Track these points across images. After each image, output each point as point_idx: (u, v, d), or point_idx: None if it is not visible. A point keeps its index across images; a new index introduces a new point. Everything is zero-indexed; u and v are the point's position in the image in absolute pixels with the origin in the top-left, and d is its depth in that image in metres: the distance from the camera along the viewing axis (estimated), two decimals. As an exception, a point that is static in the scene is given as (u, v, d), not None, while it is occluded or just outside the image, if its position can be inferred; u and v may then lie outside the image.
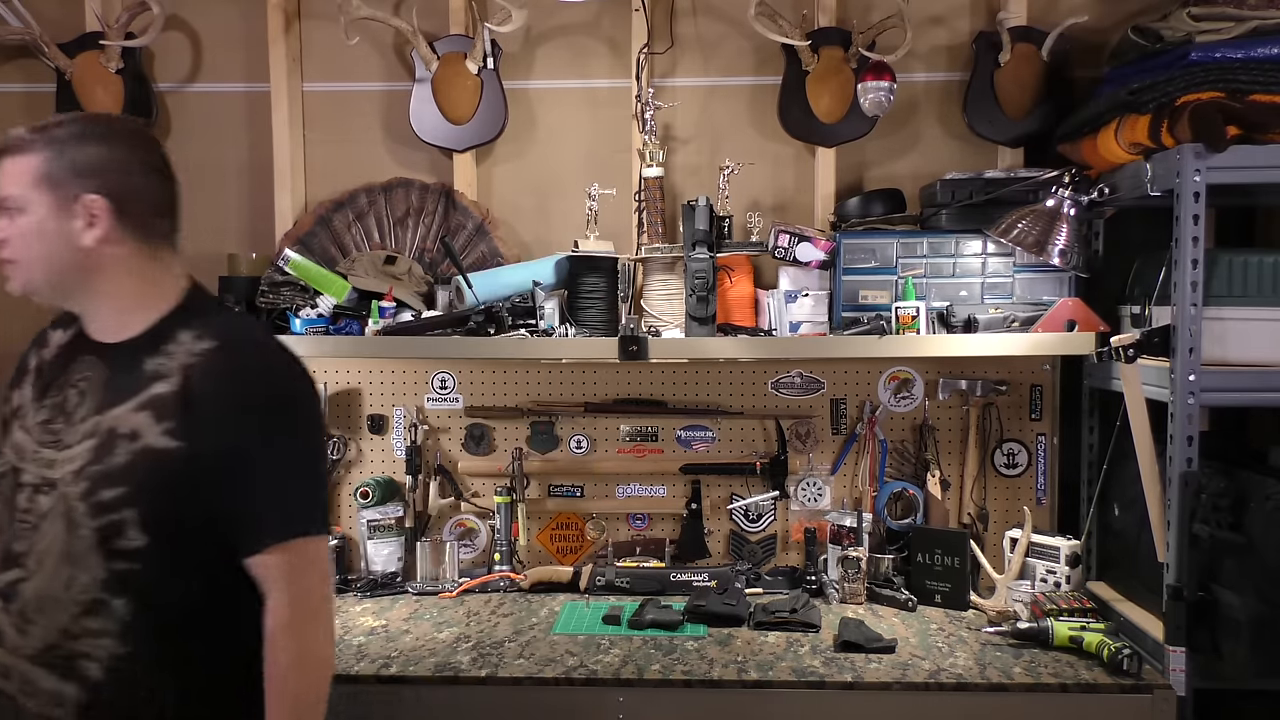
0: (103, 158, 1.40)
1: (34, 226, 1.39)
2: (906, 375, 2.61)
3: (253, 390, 1.40)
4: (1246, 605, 1.91)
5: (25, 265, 1.43)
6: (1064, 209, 2.24)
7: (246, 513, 1.39)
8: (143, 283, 1.44)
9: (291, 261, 2.43)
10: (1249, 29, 2.04)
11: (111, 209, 1.39)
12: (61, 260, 1.41)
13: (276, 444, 1.40)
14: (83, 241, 1.39)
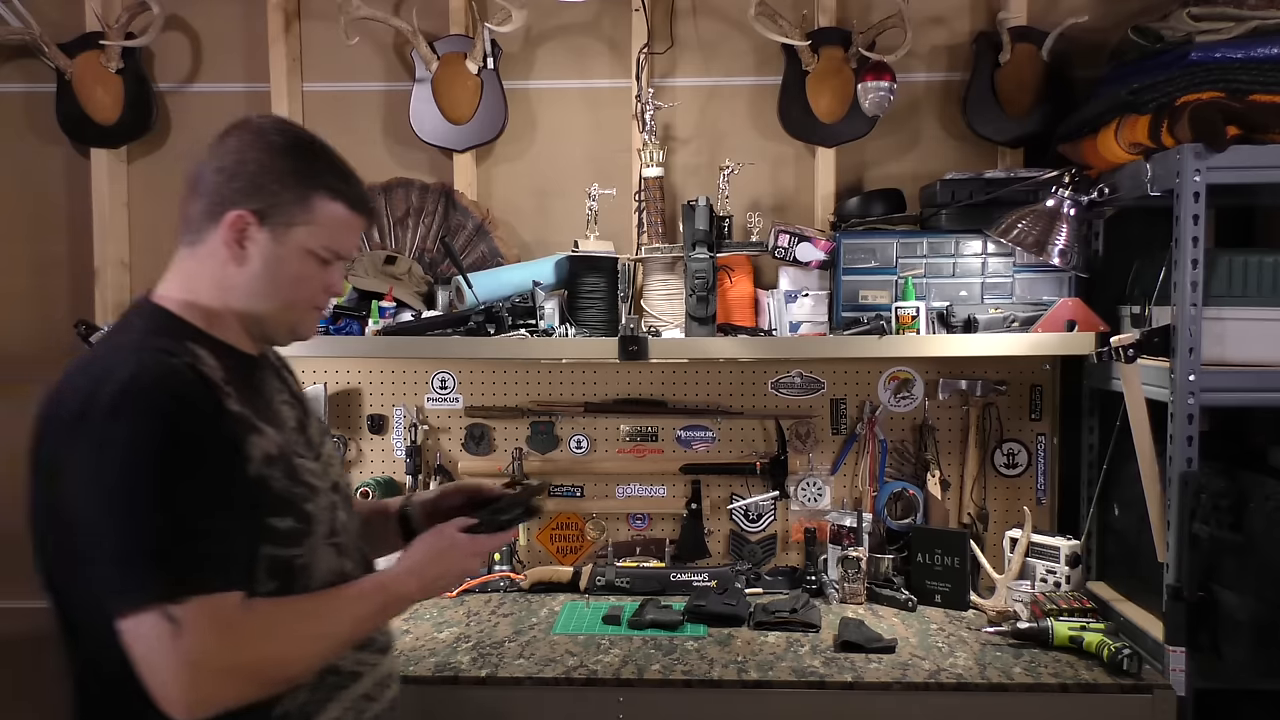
0: None
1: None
2: (906, 375, 2.61)
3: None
4: (1246, 605, 1.91)
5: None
6: (1064, 209, 2.24)
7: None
8: None
9: (291, 261, 2.43)
10: (1249, 29, 2.04)
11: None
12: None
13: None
14: None
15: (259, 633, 1.17)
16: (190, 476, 1.14)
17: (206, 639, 1.11)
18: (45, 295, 2.74)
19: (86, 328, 2.34)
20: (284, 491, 1.26)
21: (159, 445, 1.13)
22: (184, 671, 1.11)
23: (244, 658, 1.15)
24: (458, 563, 1.39)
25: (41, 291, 2.74)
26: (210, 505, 1.15)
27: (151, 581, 1.11)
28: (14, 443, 2.89)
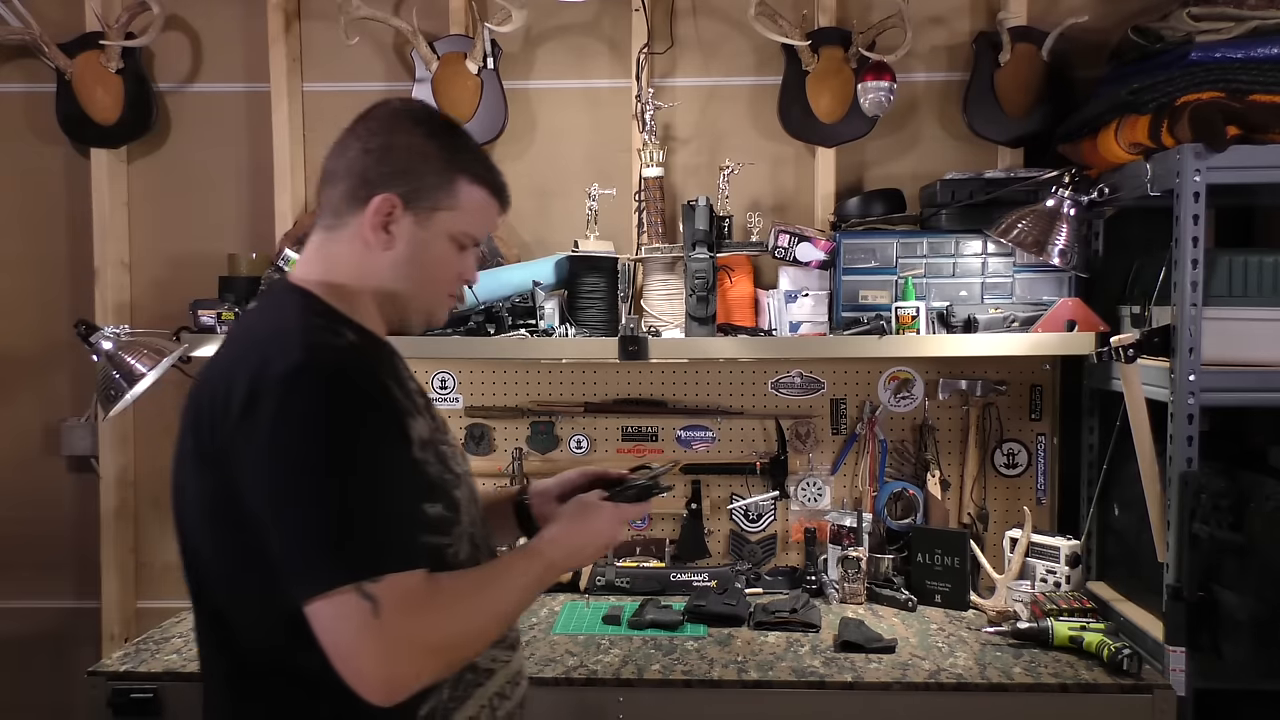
0: None
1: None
2: (906, 375, 2.61)
3: None
4: (1246, 605, 1.91)
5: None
6: (1064, 209, 2.24)
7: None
8: None
9: (291, 261, 2.43)
10: (1249, 29, 2.04)
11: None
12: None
13: None
14: None
15: (447, 608, 1.13)
16: (371, 456, 1.11)
17: (404, 617, 1.07)
18: (45, 295, 2.74)
19: (86, 328, 2.34)
20: (436, 477, 1.23)
21: (338, 427, 1.10)
22: (384, 651, 1.07)
23: (438, 634, 1.12)
24: (602, 527, 1.36)
25: (41, 291, 2.74)
26: (392, 484, 1.13)
27: (345, 562, 1.07)
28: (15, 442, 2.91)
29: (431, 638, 1.11)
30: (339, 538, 1.07)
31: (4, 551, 2.76)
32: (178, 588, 2.66)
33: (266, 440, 1.09)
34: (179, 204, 2.73)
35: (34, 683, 2.77)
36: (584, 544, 1.34)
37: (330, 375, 1.12)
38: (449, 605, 1.14)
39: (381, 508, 1.11)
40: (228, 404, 1.12)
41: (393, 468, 1.14)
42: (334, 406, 1.11)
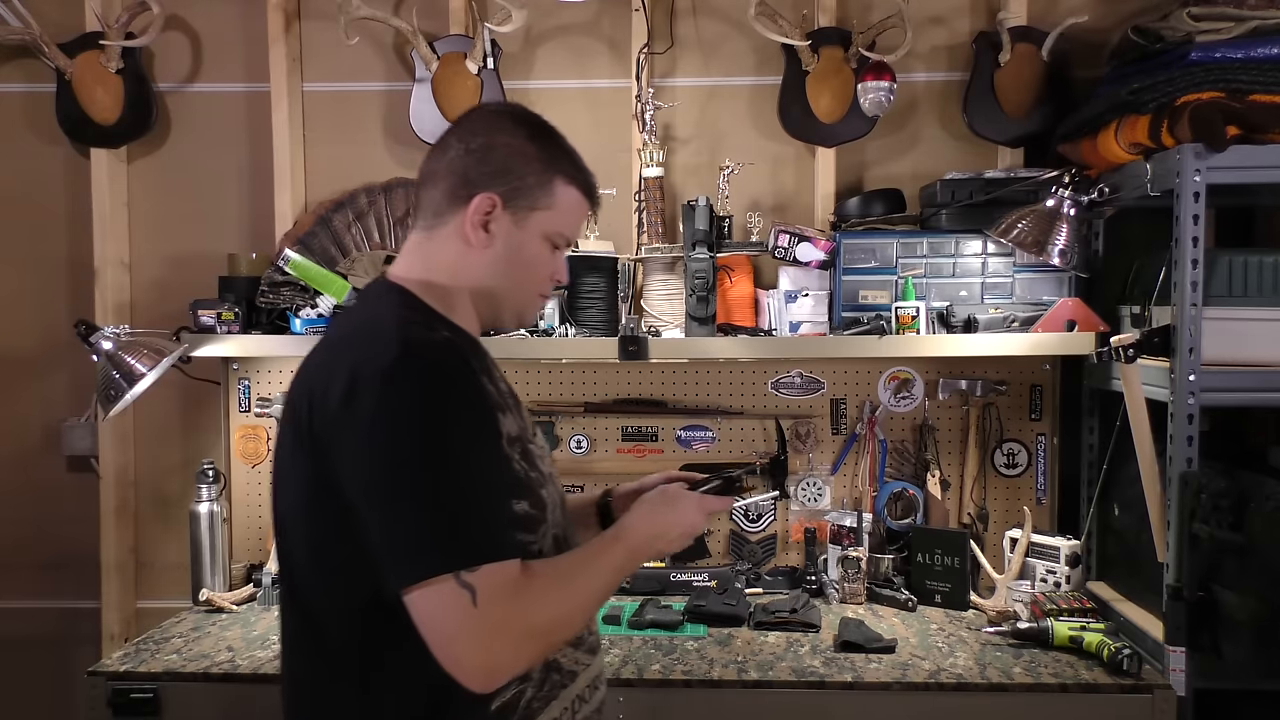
0: None
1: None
2: (906, 375, 2.61)
3: None
4: (1246, 605, 1.91)
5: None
6: (1064, 209, 2.24)
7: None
8: None
9: (291, 261, 2.43)
10: (1249, 29, 2.04)
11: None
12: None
13: None
14: None
15: (541, 594, 1.15)
16: (467, 450, 1.13)
17: (501, 604, 1.10)
18: (45, 295, 2.74)
19: (86, 328, 2.34)
20: (522, 475, 1.24)
21: (435, 421, 1.12)
22: (482, 638, 1.09)
23: (534, 620, 1.14)
24: (683, 514, 1.37)
25: (41, 291, 2.74)
26: (485, 477, 1.15)
27: (443, 552, 1.09)
28: (15, 442, 2.91)
29: (527, 623, 1.13)
30: (436, 529, 1.10)
31: (4, 551, 2.76)
32: (178, 588, 2.69)
33: (366, 433, 1.11)
34: (179, 204, 2.73)
35: (34, 683, 2.77)
36: (665, 529, 1.34)
37: (427, 369, 1.15)
38: (542, 592, 1.15)
39: (476, 499, 1.13)
40: (327, 396, 1.15)
41: (486, 461, 1.17)
42: (430, 400, 1.13)
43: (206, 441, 2.70)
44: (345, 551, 1.16)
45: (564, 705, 1.29)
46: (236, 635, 2.21)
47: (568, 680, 1.30)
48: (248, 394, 2.66)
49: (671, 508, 1.36)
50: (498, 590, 1.10)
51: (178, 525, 2.63)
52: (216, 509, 2.48)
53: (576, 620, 1.23)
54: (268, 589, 2.44)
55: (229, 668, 2.01)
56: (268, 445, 2.66)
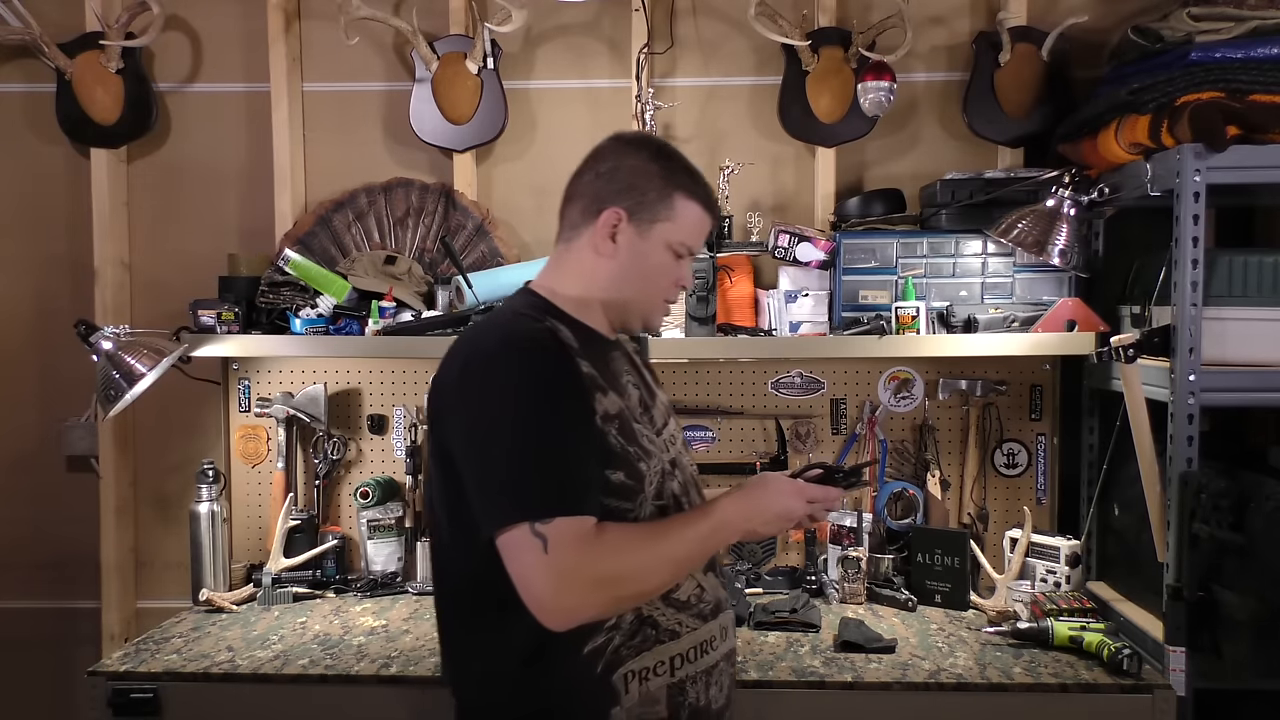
0: None
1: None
2: (906, 375, 2.61)
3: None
4: (1246, 605, 1.91)
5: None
6: (1064, 209, 2.24)
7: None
8: None
9: (291, 261, 2.43)
10: (1249, 29, 2.04)
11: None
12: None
13: None
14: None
15: (614, 549, 1.30)
16: (554, 414, 1.32)
17: (571, 553, 1.25)
18: (45, 295, 2.74)
19: (86, 328, 2.34)
20: (619, 448, 1.39)
21: (527, 389, 1.31)
22: (553, 582, 1.26)
23: (603, 571, 1.28)
24: (780, 497, 1.45)
25: (41, 291, 2.74)
26: (570, 439, 1.32)
27: (520, 504, 1.27)
28: (15, 442, 2.91)
29: (595, 572, 1.28)
30: (517, 484, 1.28)
31: (4, 551, 2.76)
32: (178, 588, 2.69)
33: (473, 404, 1.33)
34: (179, 204, 2.73)
35: (34, 683, 2.77)
36: (760, 509, 1.43)
37: (522, 352, 1.34)
38: (615, 547, 1.30)
39: (554, 461, 1.30)
40: (445, 380, 1.38)
41: (569, 430, 1.33)
42: (522, 377, 1.32)
43: (206, 441, 2.70)
44: (458, 504, 1.35)
45: (659, 659, 1.41)
46: (236, 635, 2.22)
47: (665, 638, 1.42)
48: (248, 394, 2.66)
49: (765, 489, 1.46)
50: (568, 541, 1.26)
51: (178, 525, 2.63)
52: (216, 509, 2.48)
53: (651, 579, 1.35)
54: (267, 589, 2.44)
55: (229, 668, 2.01)
56: (268, 445, 2.66)
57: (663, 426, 1.53)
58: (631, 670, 1.39)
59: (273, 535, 2.51)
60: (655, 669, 1.40)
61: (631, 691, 1.39)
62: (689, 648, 1.44)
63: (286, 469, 2.59)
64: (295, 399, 2.59)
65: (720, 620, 1.50)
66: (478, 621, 1.40)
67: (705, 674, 1.46)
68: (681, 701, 1.42)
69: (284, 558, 2.49)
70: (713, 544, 1.41)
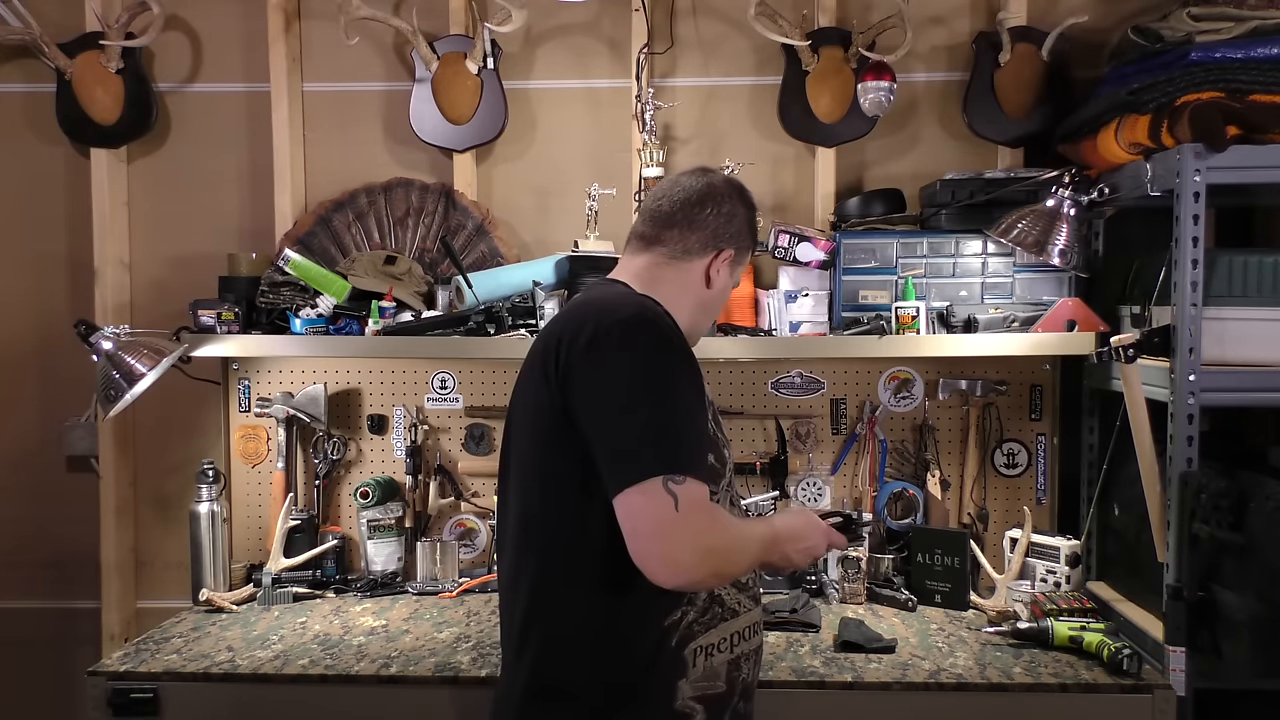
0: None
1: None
2: (906, 375, 2.61)
3: None
4: (1246, 605, 1.91)
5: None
6: (1064, 209, 2.24)
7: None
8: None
9: (291, 261, 2.43)
10: (1249, 29, 2.04)
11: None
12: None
13: None
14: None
15: (724, 523, 1.38)
16: (686, 383, 1.40)
17: (694, 515, 1.31)
18: (45, 295, 2.74)
19: (86, 328, 2.34)
20: (713, 432, 1.52)
21: (664, 359, 1.39)
22: (675, 538, 1.30)
23: (715, 539, 1.35)
24: (815, 533, 1.59)
25: (41, 291, 2.74)
26: (699, 410, 1.42)
27: (660, 459, 1.32)
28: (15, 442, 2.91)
29: (710, 539, 1.34)
30: (657, 440, 1.33)
31: (4, 551, 2.76)
32: (178, 588, 2.69)
33: (605, 368, 1.38)
34: (179, 204, 2.73)
35: (34, 683, 2.77)
36: (801, 537, 1.56)
37: (657, 325, 1.43)
38: (725, 522, 1.39)
39: (687, 427, 1.38)
40: (574, 341, 1.40)
41: (696, 404, 1.41)
42: (661, 344, 1.41)
43: (206, 441, 2.70)
44: (566, 465, 1.40)
45: (722, 636, 1.49)
46: (236, 635, 2.21)
47: (729, 615, 1.50)
48: (248, 394, 2.66)
49: (808, 523, 1.60)
50: (695, 502, 1.32)
51: (178, 525, 2.63)
52: (216, 509, 2.48)
53: (741, 562, 1.43)
54: (267, 589, 2.44)
55: (229, 668, 2.01)
56: (268, 445, 2.66)
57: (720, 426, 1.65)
58: (700, 645, 1.46)
59: (273, 535, 2.51)
60: (719, 645, 1.49)
61: (698, 665, 1.46)
62: (745, 626, 1.54)
63: (286, 469, 2.59)
64: (295, 399, 2.59)
65: (761, 605, 1.63)
66: (565, 594, 1.45)
67: (755, 652, 1.57)
68: (737, 677, 1.51)
69: (284, 558, 2.49)
70: (770, 553, 1.50)
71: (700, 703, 1.46)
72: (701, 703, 1.46)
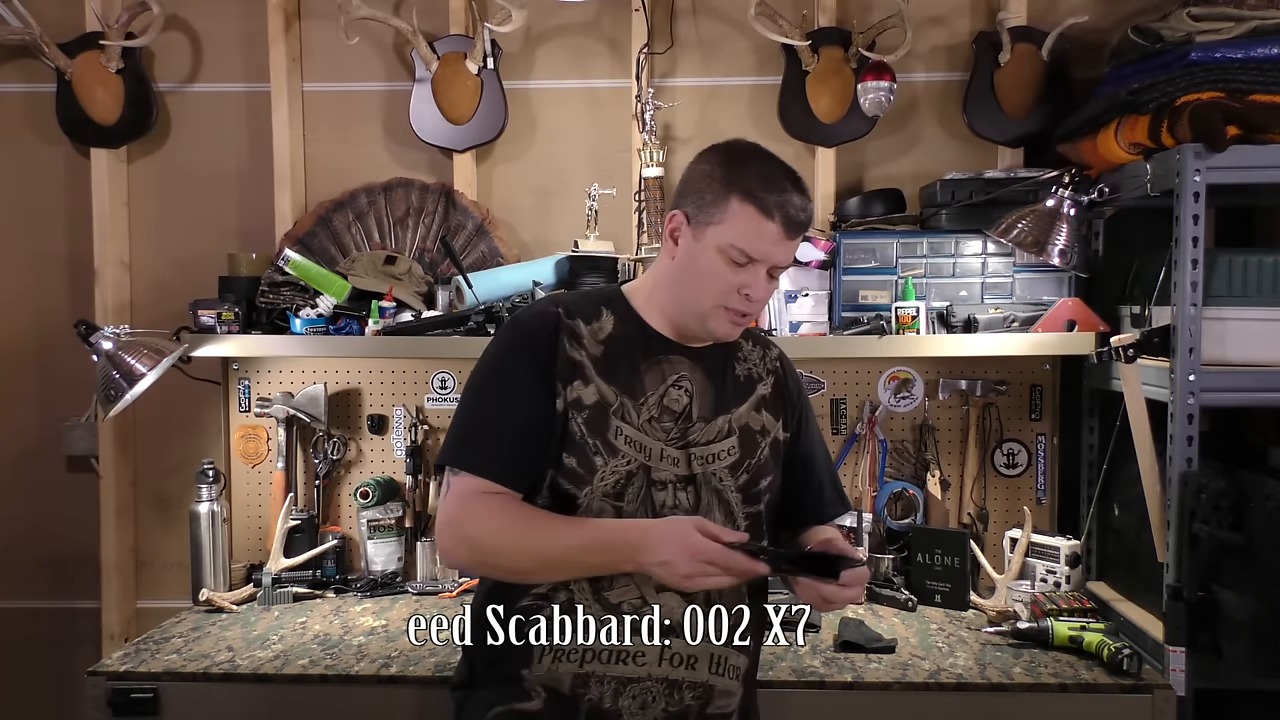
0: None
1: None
2: (906, 375, 2.61)
3: (803, 388, 1.72)
4: (1246, 605, 1.91)
5: (757, 315, 1.68)
6: (1064, 209, 2.24)
7: (819, 489, 1.68)
8: None
9: (291, 261, 2.43)
10: (1249, 29, 2.04)
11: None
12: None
13: (818, 428, 1.75)
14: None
15: (483, 519, 1.42)
16: (500, 384, 1.47)
17: (455, 505, 1.43)
18: (45, 295, 2.74)
19: (86, 328, 2.34)
20: (578, 436, 1.46)
21: (490, 357, 1.50)
22: (440, 522, 1.46)
23: (467, 532, 1.43)
24: (672, 543, 1.33)
25: (41, 291, 2.74)
26: (503, 410, 1.46)
27: (447, 449, 1.48)
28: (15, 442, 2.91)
29: (463, 531, 1.43)
30: (452, 434, 1.49)
31: (4, 551, 2.76)
32: (178, 588, 2.70)
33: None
34: (179, 204, 2.73)
35: (34, 683, 2.77)
36: (650, 547, 1.34)
37: (509, 328, 1.54)
38: (488, 515, 1.42)
39: (484, 424, 1.46)
40: None
41: (513, 399, 1.46)
42: (495, 347, 1.52)
43: (206, 441, 2.70)
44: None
45: (571, 645, 1.45)
46: (236, 635, 2.21)
47: (581, 629, 1.45)
48: (248, 394, 2.66)
49: (660, 529, 1.36)
50: (458, 493, 1.43)
51: (178, 525, 2.63)
52: (216, 509, 2.48)
53: (515, 561, 1.43)
54: (267, 589, 2.44)
55: (229, 668, 2.01)
56: (268, 445, 2.66)
57: (682, 439, 1.50)
58: (548, 645, 1.45)
59: (273, 535, 2.51)
60: (569, 653, 1.44)
61: (543, 662, 1.45)
62: (603, 649, 1.44)
63: (286, 469, 2.59)
64: (295, 399, 2.59)
65: (667, 642, 1.45)
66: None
67: (619, 682, 1.44)
68: (582, 695, 1.44)
69: (284, 558, 2.49)
70: (595, 560, 1.41)
71: (546, 690, 1.45)
72: (547, 690, 1.45)
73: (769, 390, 1.63)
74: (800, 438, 1.66)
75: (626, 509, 1.46)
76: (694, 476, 1.50)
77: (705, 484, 1.50)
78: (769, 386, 1.63)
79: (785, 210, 1.45)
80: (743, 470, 1.55)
